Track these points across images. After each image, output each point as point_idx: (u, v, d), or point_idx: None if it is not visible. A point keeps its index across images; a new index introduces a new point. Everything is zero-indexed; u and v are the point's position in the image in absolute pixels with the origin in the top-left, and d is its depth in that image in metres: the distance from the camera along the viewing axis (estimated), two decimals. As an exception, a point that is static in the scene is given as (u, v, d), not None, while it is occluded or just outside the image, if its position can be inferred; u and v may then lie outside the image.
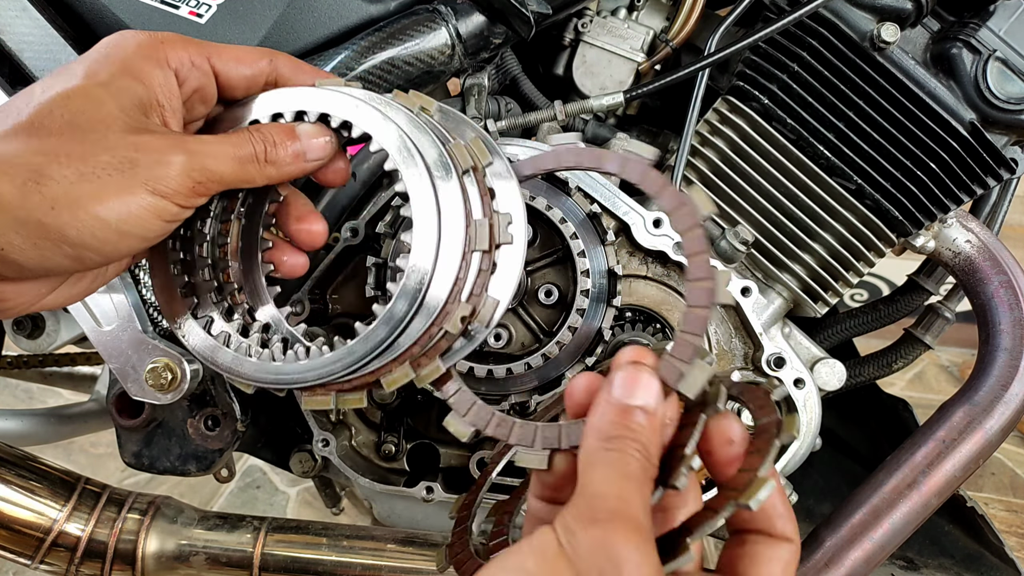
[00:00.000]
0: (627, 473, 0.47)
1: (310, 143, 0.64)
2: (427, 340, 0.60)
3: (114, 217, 0.54)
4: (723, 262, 0.94)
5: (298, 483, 2.22)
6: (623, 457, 0.47)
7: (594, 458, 0.48)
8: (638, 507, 0.45)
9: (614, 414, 0.50)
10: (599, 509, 0.44)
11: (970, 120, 0.91)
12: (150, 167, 0.55)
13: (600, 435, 0.49)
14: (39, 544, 0.95)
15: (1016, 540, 1.98)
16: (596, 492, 0.45)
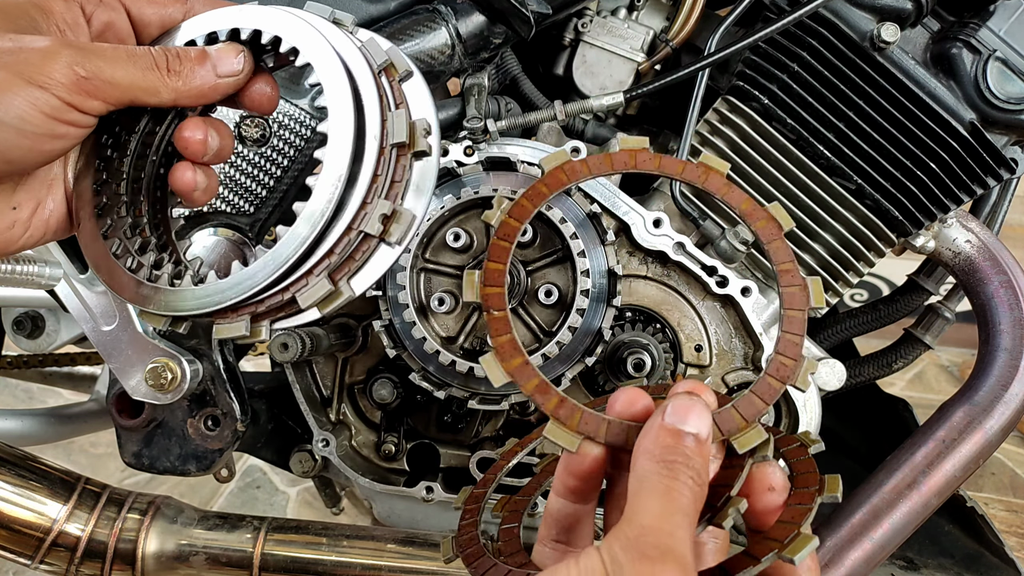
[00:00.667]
0: (680, 507, 0.46)
1: (220, 56, 0.60)
2: (346, 245, 0.57)
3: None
4: (723, 262, 0.94)
5: (298, 483, 2.22)
6: (676, 487, 0.46)
7: (646, 484, 0.47)
8: (687, 545, 0.44)
9: (667, 437, 0.49)
10: (649, 544, 0.43)
11: (970, 120, 0.91)
12: (30, 58, 0.52)
13: (652, 457, 0.48)
14: (39, 544, 0.95)
15: (1016, 540, 1.98)
16: (647, 524, 0.44)
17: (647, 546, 0.43)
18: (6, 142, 0.52)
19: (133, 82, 0.56)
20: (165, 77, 0.57)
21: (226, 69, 0.60)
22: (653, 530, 0.44)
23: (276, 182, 0.94)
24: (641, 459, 0.48)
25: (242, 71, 0.61)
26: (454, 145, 0.96)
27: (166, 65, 0.57)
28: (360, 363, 1.08)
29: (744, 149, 0.96)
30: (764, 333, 0.95)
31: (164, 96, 0.58)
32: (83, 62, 0.53)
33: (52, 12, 0.57)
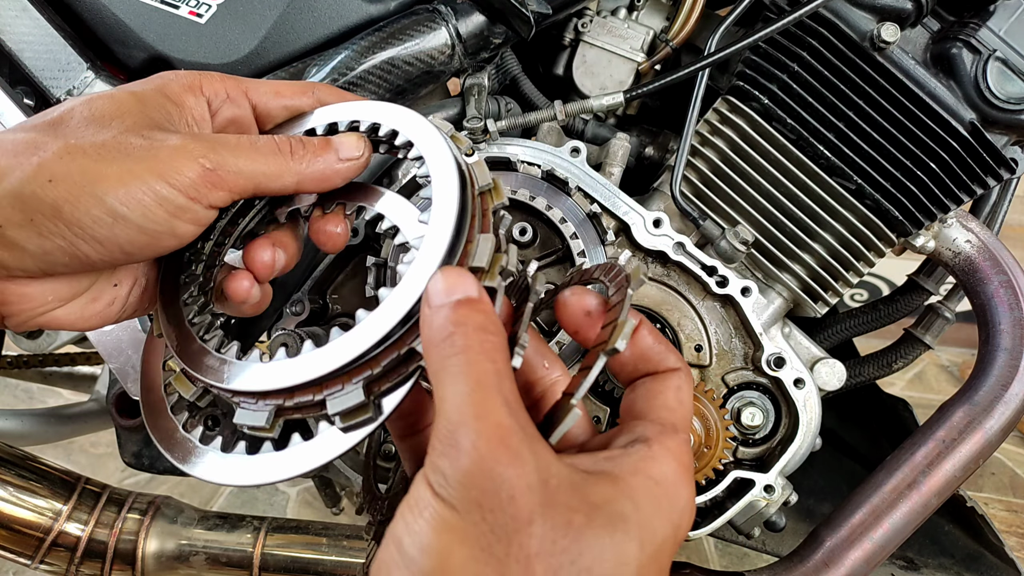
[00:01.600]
0: (479, 376, 0.44)
1: (342, 142, 0.61)
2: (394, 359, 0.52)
3: (113, 198, 0.51)
4: (723, 262, 0.94)
5: (298, 483, 2.22)
6: (468, 359, 0.44)
7: (441, 370, 0.45)
8: (499, 410, 0.42)
9: (443, 312, 0.47)
10: (460, 438, 0.41)
11: (970, 120, 0.91)
12: (160, 155, 0.53)
13: (435, 341, 0.46)
14: (39, 544, 0.95)
15: (1016, 540, 1.98)
16: (452, 418, 0.42)
17: (460, 439, 0.41)
18: (126, 236, 0.53)
19: (257, 169, 0.56)
20: (289, 161, 0.58)
21: (347, 154, 0.61)
22: (460, 420, 0.42)
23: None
24: (429, 351, 0.47)
25: (362, 156, 0.62)
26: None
27: (289, 150, 0.58)
28: (360, 363, 1.08)
29: (744, 149, 0.96)
30: (764, 333, 0.95)
31: (287, 180, 0.58)
32: (209, 154, 0.54)
33: (184, 106, 0.59)
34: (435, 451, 0.42)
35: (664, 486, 0.45)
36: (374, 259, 0.94)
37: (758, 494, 0.95)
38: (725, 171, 0.97)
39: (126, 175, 0.51)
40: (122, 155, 0.52)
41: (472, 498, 0.40)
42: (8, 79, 0.93)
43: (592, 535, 0.41)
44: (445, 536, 0.40)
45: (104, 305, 0.60)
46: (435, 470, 0.42)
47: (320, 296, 1.05)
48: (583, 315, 0.55)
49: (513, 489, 0.40)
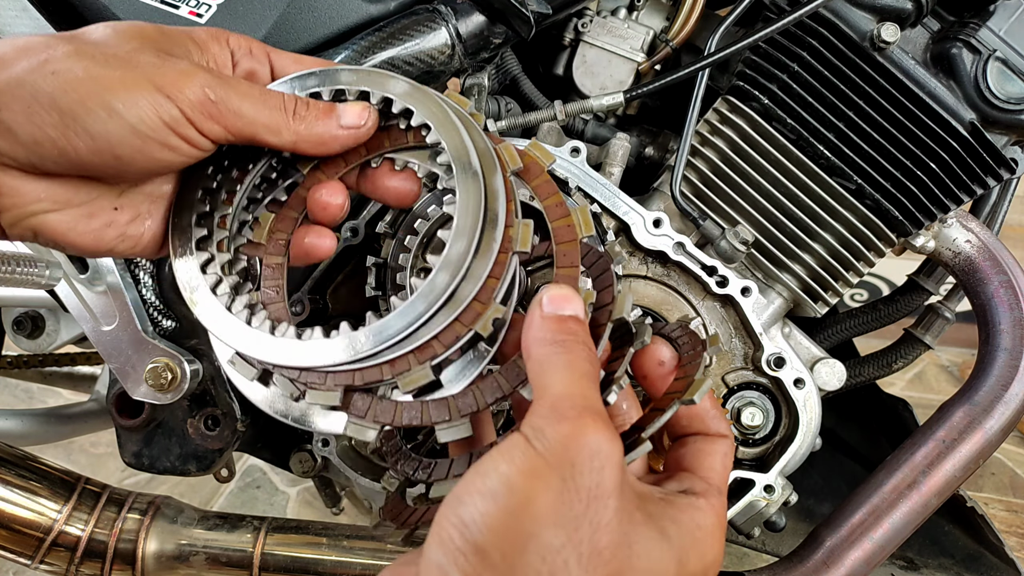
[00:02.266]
0: (583, 372, 0.48)
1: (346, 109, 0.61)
2: (452, 338, 0.54)
3: (111, 96, 0.52)
4: (723, 262, 0.94)
5: (298, 483, 2.22)
6: (575, 357, 0.49)
7: (547, 364, 0.49)
8: (599, 402, 0.47)
9: (552, 322, 0.51)
10: (564, 408, 0.45)
11: (970, 120, 0.91)
12: (167, 71, 0.54)
13: (545, 342, 0.50)
14: (39, 544, 0.95)
15: (1016, 540, 1.98)
16: (557, 393, 0.46)
17: (564, 408, 0.45)
18: (118, 136, 0.53)
19: (257, 117, 0.57)
20: (290, 119, 0.59)
21: (349, 121, 0.61)
22: (565, 396, 0.46)
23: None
24: (535, 346, 0.50)
25: (365, 125, 0.61)
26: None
27: (293, 109, 0.59)
28: (360, 363, 1.08)
29: (744, 149, 0.96)
30: (764, 333, 0.95)
31: (285, 137, 0.59)
32: (216, 87, 0.55)
33: (207, 49, 0.60)
34: (535, 415, 0.46)
35: (704, 534, 0.49)
36: (374, 259, 0.95)
37: (758, 494, 0.95)
38: (725, 171, 0.97)
39: (128, 81, 0.53)
40: (129, 65, 0.53)
41: (567, 457, 0.43)
42: (8, 79, 0.93)
43: (646, 534, 0.45)
44: (532, 480, 0.42)
45: (101, 225, 0.59)
46: (534, 428, 0.45)
47: (320, 296, 1.05)
48: (656, 364, 0.60)
49: (606, 461, 0.43)
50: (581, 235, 0.57)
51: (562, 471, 0.43)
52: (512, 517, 0.42)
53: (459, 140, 0.57)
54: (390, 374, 0.55)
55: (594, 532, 0.42)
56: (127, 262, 0.95)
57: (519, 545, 0.41)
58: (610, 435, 0.45)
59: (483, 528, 0.42)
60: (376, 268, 0.94)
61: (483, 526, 0.42)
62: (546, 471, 0.43)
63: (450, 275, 0.53)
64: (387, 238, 0.95)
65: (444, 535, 0.43)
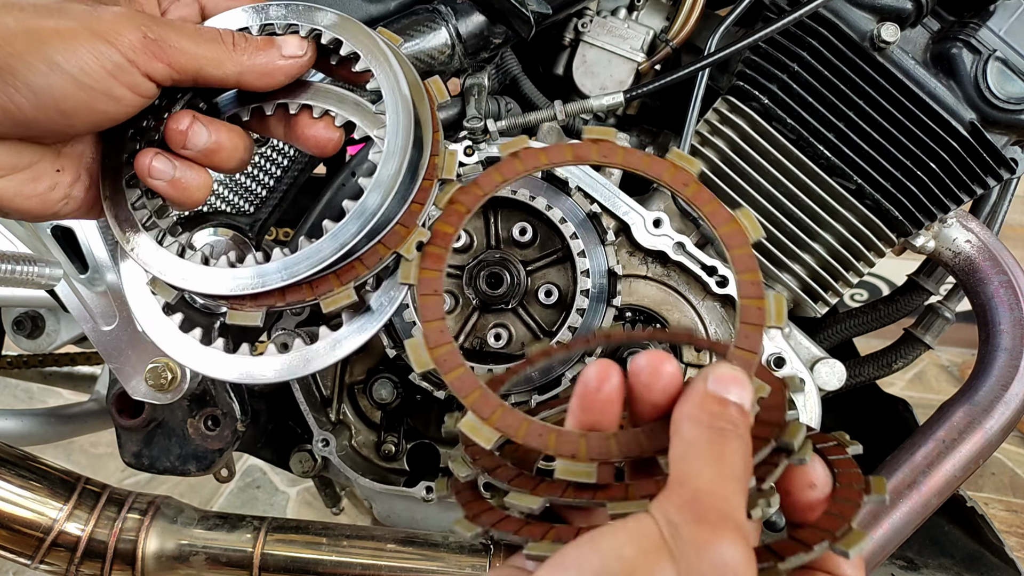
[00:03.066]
0: (734, 473, 0.44)
1: (284, 41, 0.60)
2: (375, 259, 0.56)
3: (50, 48, 0.50)
4: (723, 262, 0.94)
5: (298, 483, 2.22)
6: (728, 454, 0.44)
7: (696, 449, 0.44)
8: (743, 513, 0.43)
9: (713, 404, 0.46)
10: (706, 508, 0.41)
11: (970, 120, 0.91)
12: (102, 17, 0.52)
13: (700, 422, 0.45)
14: (39, 544, 0.95)
15: (1016, 540, 1.98)
16: (702, 488, 0.42)
17: (705, 510, 0.41)
18: (63, 90, 0.52)
19: (199, 52, 0.56)
20: (231, 51, 0.57)
21: (290, 50, 0.60)
22: (709, 494, 0.42)
23: (276, 182, 0.94)
24: (686, 424, 0.46)
25: (305, 55, 0.61)
26: (454, 145, 0.96)
27: (232, 42, 0.58)
28: (360, 363, 1.08)
29: (744, 149, 0.96)
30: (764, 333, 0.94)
31: (229, 68, 0.57)
32: (152, 27, 0.54)
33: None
34: (671, 503, 0.42)
35: None
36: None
37: (758, 494, 0.95)
38: (725, 171, 0.97)
39: (65, 31, 0.51)
40: (62, 15, 0.51)
41: (697, 565, 0.39)
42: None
43: None
44: (652, 573, 0.39)
45: (45, 188, 0.58)
46: (670, 522, 0.41)
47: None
48: (807, 485, 0.53)
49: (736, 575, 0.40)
50: (769, 322, 0.52)
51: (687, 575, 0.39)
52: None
53: (388, 67, 0.58)
54: (312, 295, 0.56)
55: None
56: (127, 262, 0.95)
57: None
58: (748, 555, 0.40)
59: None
60: (376, 268, 0.94)
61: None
62: (670, 569, 0.39)
63: (381, 196, 0.54)
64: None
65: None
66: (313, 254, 0.55)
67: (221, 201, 0.93)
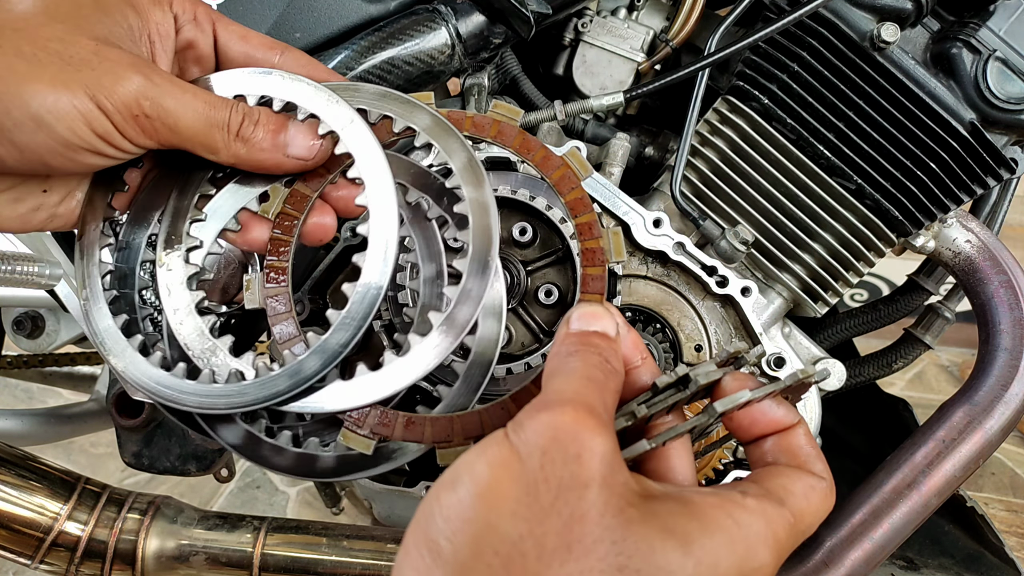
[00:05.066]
0: (589, 376, 0.45)
1: (296, 134, 0.57)
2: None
3: (37, 102, 0.48)
4: (723, 262, 0.94)
5: (298, 483, 2.22)
6: (585, 363, 0.46)
7: (555, 369, 0.47)
8: (596, 400, 0.43)
9: (575, 336, 0.50)
10: (551, 398, 0.43)
11: (970, 120, 0.91)
12: (100, 73, 0.49)
13: (558, 354, 0.48)
14: (39, 544, 0.95)
15: (1016, 540, 1.98)
16: (549, 390, 0.44)
17: (549, 400, 0.43)
18: (48, 147, 0.50)
19: (195, 136, 0.53)
20: (231, 140, 0.54)
21: (297, 151, 0.57)
22: (557, 391, 0.44)
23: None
24: (552, 360, 0.49)
25: (313, 158, 0.57)
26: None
27: (238, 129, 0.55)
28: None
29: (744, 149, 0.96)
30: (764, 333, 0.95)
31: (221, 157, 0.55)
32: (153, 97, 0.51)
33: (148, 18, 0.55)
34: (521, 411, 0.43)
35: (745, 534, 0.43)
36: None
37: (758, 494, 0.95)
38: (725, 171, 0.97)
39: (59, 84, 0.48)
40: (62, 62, 0.49)
41: (539, 444, 0.40)
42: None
43: (643, 532, 0.40)
44: (498, 470, 0.40)
45: (28, 209, 0.56)
46: (515, 421, 0.42)
47: (320, 296, 1.05)
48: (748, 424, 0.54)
49: (582, 449, 0.40)
50: (610, 259, 0.57)
51: (531, 460, 0.40)
52: (469, 508, 0.39)
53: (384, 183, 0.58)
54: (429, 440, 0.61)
55: (564, 525, 0.38)
56: (127, 262, 0.95)
57: (472, 536, 0.39)
58: (594, 425, 0.41)
59: (439, 519, 0.40)
60: (376, 268, 0.94)
61: (439, 517, 0.40)
62: (514, 460, 0.40)
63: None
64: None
65: (411, 527, 0.42)
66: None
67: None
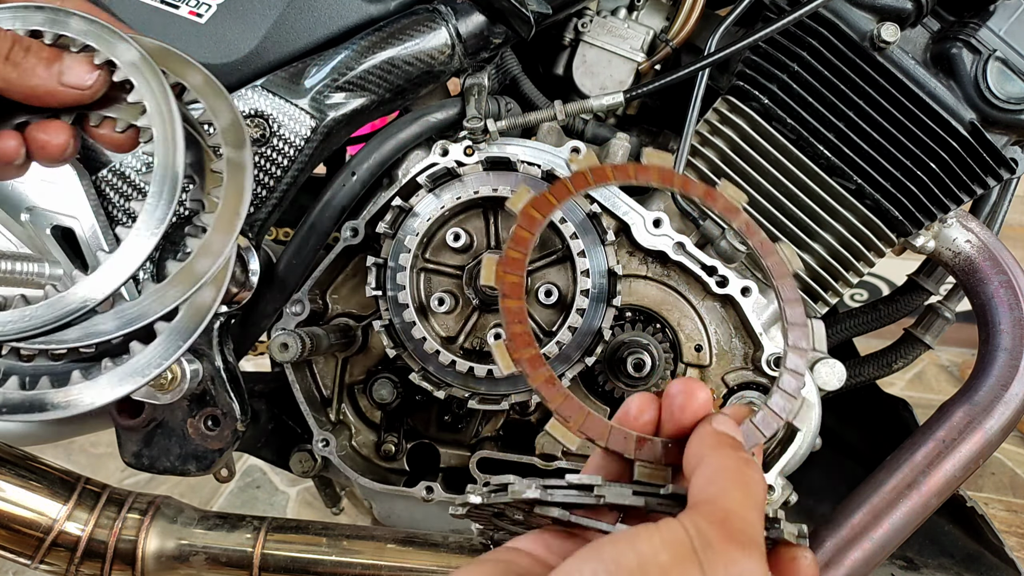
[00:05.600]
0: (757, 502, 0.46)
1: (72, 64, 0.54)
2: None
3: None
4: (723, 262, 0.94)
5: (298, 483, 2.22)
6: (753, 483, 0.46)
7: (726, 472, 0.46)
8: (762, 537, 0.44)
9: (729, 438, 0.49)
10: (736, 529, 0.43)
11: (970, 120, 0.91)
12: None
13: (729, 455, 0.47)
14: (39, 544, 0.95)
15: (1016, 540, 1.97)
16: (732, 510, 0.44)
17: (735, 530, 0.42)
18: None
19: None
20: (1, 64, 0.51)
21: (72, 80, 0.54)
22: (740, 517, 0.43)
23: (276, 182, 0.94)
24: (716, 452, 0.48)
25: (90, 88, 0.55)
26: (454, 145, 0.96)
27: (7, 53, 0.52)
28: (360, 363, 1.08)
29: (744, 149, 0.96)
30: (764, 333, 0.95)
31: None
32: None
33: None
34: (701, 516, 0.43)
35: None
36: (374, 259, 0.94)
37: (758, 494, 0.95)
38: (725, 171, 0.97)
39: None
40: None
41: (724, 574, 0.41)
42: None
43: None
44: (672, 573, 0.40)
45: None
46: (702, 535, 0.42)
47: (320, 296, 1.05)
48: None
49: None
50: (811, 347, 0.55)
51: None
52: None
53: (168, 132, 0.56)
54: None
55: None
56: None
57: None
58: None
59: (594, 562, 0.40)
60: (376, 268, 0.94)
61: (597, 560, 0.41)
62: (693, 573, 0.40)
63: None
64: (387, 238, 0.94)
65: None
66: None
67: (221, 201, 0.93)
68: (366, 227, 0.99)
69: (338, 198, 0.99)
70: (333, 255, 1.00)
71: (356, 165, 0.99)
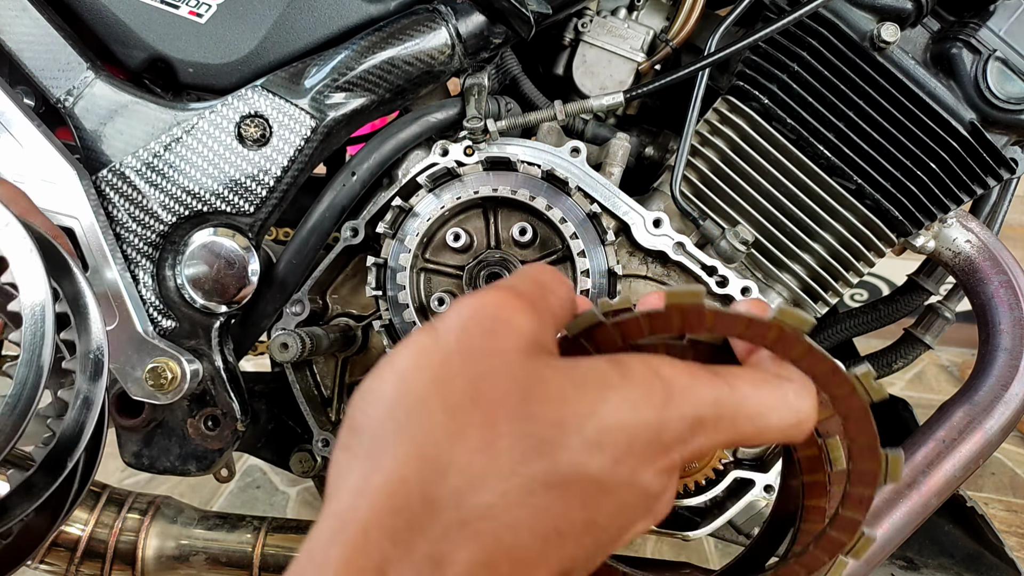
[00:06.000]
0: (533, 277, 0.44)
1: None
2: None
3: None
4: (723, 262, 0.94)
5: (298, 483, 2.22)
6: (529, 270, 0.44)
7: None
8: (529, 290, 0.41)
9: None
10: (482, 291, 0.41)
11: (970, 120, 0.91)
12: None
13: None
14: (39, 544, 0.95)
15: (1016, 540, 1.97)
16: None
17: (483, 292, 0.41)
18: None
19: None
20: None
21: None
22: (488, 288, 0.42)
23: (276, 182, 0.94)
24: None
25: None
26: (454, 145, 0.96)
27: None
28: (360, 363, 1.08)
29: (744, 149, 0.96)
30: (764, 333, 0.94)
31: None
32: None
33: None
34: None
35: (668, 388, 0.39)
36: (374, 259, 0.94)
37: (758, 494, 0.95)
38: (725, 171, 0.97)
39: None
40: None
41: (457, 323, 0.38)
42: (8, 79, 0.93)
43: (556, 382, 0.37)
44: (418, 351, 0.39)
45: None
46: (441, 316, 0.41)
47: (320, 296, 1.05)
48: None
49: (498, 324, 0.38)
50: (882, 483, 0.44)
51: (449, 336, 0.38)
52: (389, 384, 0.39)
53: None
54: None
55: (471, 382, 0.36)
56: (127, 262, 0.95)
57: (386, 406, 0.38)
58: (519, 305, 0.39)
59: (360, 401, 0.40)
60: (376, 268, 0.94)
61: (361, 399, 0.40)
62: (432, 341, 0.39)
63: None
64: (387, 238, 0.94)
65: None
66: None
67: (221, 201, 0.93)
68: (366, 227, 0.99)
69: (338, 198, 0.99)
70: (333, 255, 1.00)
71: (356, 165, 0.99)
